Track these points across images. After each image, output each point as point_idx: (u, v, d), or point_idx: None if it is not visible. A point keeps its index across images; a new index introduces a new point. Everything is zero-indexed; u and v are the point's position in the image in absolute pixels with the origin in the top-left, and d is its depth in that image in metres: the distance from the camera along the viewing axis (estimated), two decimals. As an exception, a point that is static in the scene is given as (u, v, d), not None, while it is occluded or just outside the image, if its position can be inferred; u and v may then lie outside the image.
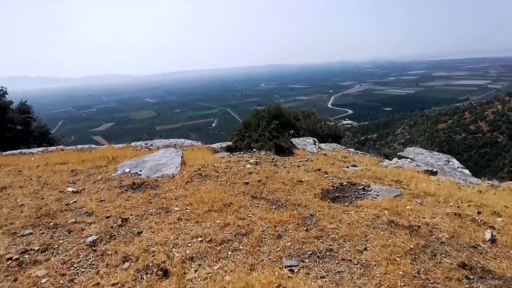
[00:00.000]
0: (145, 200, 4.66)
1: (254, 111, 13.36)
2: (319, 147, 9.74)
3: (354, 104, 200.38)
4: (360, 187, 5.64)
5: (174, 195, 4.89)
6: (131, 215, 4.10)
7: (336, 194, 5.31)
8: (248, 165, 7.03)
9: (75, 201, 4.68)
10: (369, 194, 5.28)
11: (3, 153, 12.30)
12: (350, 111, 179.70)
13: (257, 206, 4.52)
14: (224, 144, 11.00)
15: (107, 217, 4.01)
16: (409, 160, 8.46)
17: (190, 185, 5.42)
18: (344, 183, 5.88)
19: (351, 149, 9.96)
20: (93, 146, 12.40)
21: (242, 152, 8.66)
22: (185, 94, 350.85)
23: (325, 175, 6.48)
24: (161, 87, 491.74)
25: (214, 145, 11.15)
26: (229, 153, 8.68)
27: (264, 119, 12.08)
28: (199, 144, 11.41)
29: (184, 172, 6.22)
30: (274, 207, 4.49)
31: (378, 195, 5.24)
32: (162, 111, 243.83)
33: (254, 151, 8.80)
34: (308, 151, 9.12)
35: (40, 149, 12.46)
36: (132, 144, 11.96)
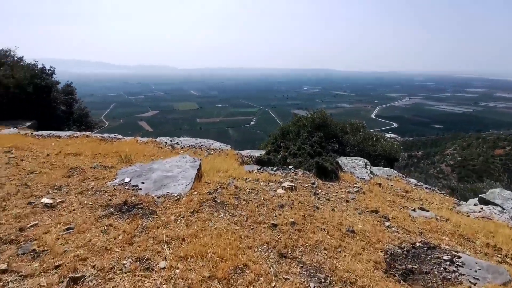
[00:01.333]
0: (125, 237, 3.25)
1: (294, 117, 11.64)
2: (371, 172, 7.77)
3: (400, 117, 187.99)
4: (444, 256, 3.72)
5: (168, 234, 3.41)
6: (93, 267, 2.69)
7: (409, 266, 3.46)
8: (280, 190, 5.39)
9: (34, 225, 3.41)
10: (461, 275, 3.37)
11: (34, 133, 11.99)
12: (395, 124, 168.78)
13: (286, 278, 2.88)
14: (255, 153, 9.46)
15: (56, 267, 2.66)
16: (498, 209, 6.20)
17: (195, 218, 3.92)
18: (417, 244, 4.00)
19: (413, 180, 7.84)
20: (119, 136, 11.59)
21: (275, 169, 7.03)
22: (228, 90, 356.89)
23: (386, 223, 4.62)
24: (205, 81, 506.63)
25: (244, 152, 9.65)
26: (259, 167, 7.10)
27: (305, 128, 10.35)
28: (228, 148, 9.99)
29: (195, 193, 4.74)
30: (313, 285, 2.80)
31: (477, 279, 3.31)
32: (204, 104, 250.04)
33: (290, 169, 7.13)
34: (357, 177, 7.22)
35: (69, 133, 11.96)
36: (157, 139, 10.91)
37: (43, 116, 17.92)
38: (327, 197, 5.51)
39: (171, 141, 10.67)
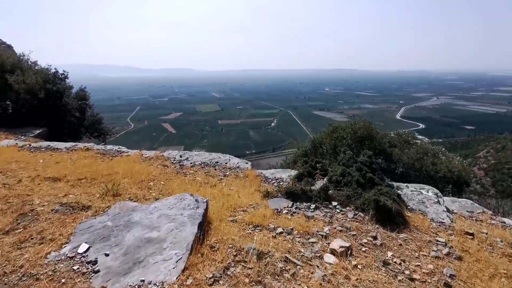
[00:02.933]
0: None
1: (329, 127, 9.48)
2: (446, 208, 5.53)
3: (428, 118, 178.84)
4: None
5: None
6: None
7: None
8: (330, 258, 3.37)
9: None
10: None
11: (33, 145, 10.71)
12: (421, 126, 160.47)
13: None
14: (282, 175, 7.47)
15: None
16: None
17: None
18: None
19: (508, 221, 5.50)
20: (123, 149, 10.03)
21: (313, 206, 5.00)
22: (249, 92, 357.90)
23: None
24: (227, 84, 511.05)
25: (267, 173, 7.67)
26: (290, 202, 5.12)
27: (344, 141, 8.23)
28: (248, 167, 8.06)
29: (189, 282, 2.78)
30: None
31: None
32: (225, 106, 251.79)
33: (335, 207, 5.08)
34: (432, 219, 5.03)
35: (69, 145, 10.56)
36: (165, 154, 9.20)
37: (54, 123, 16.96)
38: (407, 271, 3.40)
39: (181, 156, 8.91)
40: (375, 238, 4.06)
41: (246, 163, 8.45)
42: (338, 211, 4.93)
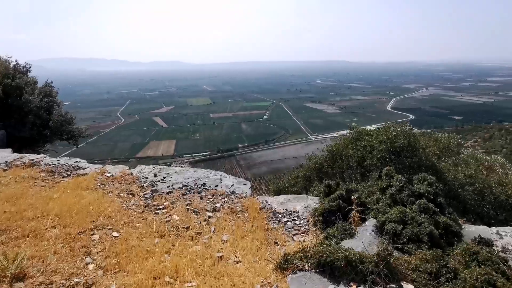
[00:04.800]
0: None
1: (353, 133, 7.23)
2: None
3: (417, 109, 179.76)
4: None
5: None
6: None
7: None
8: None
9: None
10: None
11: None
12: (411, 116, 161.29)
13: None
14: (296, 205, 5.27)
15: None
16: None
17: None
18: None
19: None
20: (81, 164, 7.68)
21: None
22: (240, 85, 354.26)
23: None
24: (218, 77, 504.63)
25: (275, 203, 5.48)
26: (329, 284, 2.91)
27: (375, 153, 6.07)
28: (247, 193, 5.86)
29: None
30: None
31: None
32: (217, 99, 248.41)
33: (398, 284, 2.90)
34: None
35: (11, 157, 8.17)
36: (136, 171, 6.90)
37: (13, 125, 14.37)
38: None
39: (155, 175, 6.62)
40: None
41: (244, 184, 6.23)
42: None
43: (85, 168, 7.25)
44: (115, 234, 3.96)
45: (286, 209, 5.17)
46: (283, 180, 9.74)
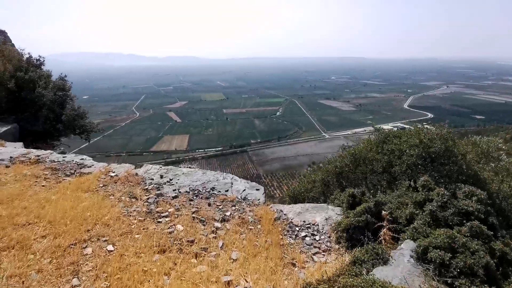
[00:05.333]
0: None
1: (378, 134, 6.49)
2: None
3: (437, 107, 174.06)
4: None
5: None
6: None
7: None
8: None
9: None
10: None
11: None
12: (430, 115, 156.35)
13: None
14: (315, 216, 4.68)
15: None
16: None
17: None
18: None
19: None
20: (87, 162, 7.32)
21: None
22: (254, 81, 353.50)
23: None
24: (232, 72, 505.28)
25: (291, 213, 4.91)
26: None
27: (405, 158, 5.33)
28: (260, 198, 5.31)
29: None
30: None
31: None
32: (231, 95, 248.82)
33: None
34: None
35: (17, 152, 7.92)
36: (141, 171, 6.46)
37: (26, 119, 14.31)
38: None
39: (162, 176, 6.15)
40: None
41: (257, 189, 5.67)
42: None
43: (90, 167, 6.87)
44: (110, 247, 3.49)
45: (304, 221, 4.57)
46: (299, 184, 9.09)
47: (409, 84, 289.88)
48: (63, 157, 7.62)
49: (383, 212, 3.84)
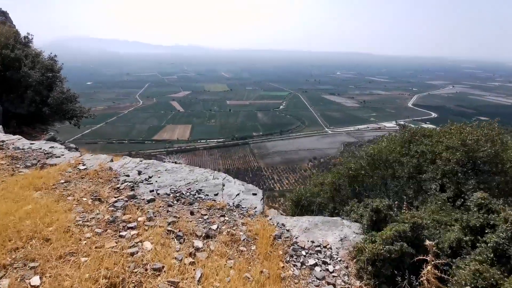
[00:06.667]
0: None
1: (403, 131, 5.34)
2: None
3: (441, 107, 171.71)
4: None
5: None
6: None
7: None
8: None
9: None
10: None
11: None
12: (434, 115, 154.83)
13: None
14: (328, 237, 3.61)
15: None
16: None
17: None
18: None
19: None
20: (56, 150, 6.27)
21: None
22: (259, 73, 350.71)
23: None
24: (236, 63, 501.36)
25: (296, 229, 3.83)
26: None
27: (443, 163, 4.21)
28: (257, 206, 4.24)
29: None
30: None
31: None
32: (234, 86, 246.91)
33: None
34: None
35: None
36: (117, 165, 5.41)
37: (10, 101, 13.27)
38: None
39: (140, 173, 5.08)
40: None
41: (254, 194, 4.58)
42: None
43: (59, 157, 5.82)
44: (35, 280, 2.42)
45: (313, 242, 3.50)
46: (304, 186, 8.00)
47: (415, 83, 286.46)
48: (31, 143, 6.56)
49: (427, 241, 2.77)
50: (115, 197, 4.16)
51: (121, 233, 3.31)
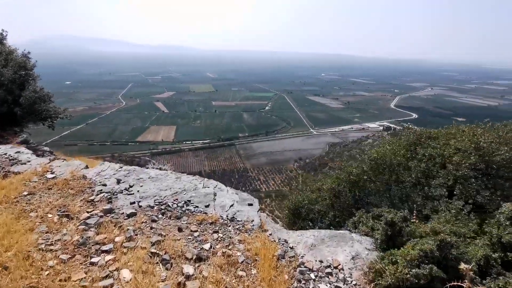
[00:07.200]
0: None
1: (407, 133, 4.89)
2: None
3: (421, 108, 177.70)
4: None
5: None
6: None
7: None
8: None
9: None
10: None
11: None
12: (414, 115, 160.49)
13: None
14: (339, 255, 3.15)
15: None
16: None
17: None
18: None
19: None
20: (23, 156, 5.55)
21: None
22: (244, 74, 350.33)
23: None
24: (222, 64, 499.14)
25: (301, 246, 3.33)
26: None
27: (454, 167, 3.85)
28: (254, 219, 3.71)
29: None
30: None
31: None
32: (220, 87, 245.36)
33: None
34: None
35: None
36: (91, 173, 4.77)
37: (-22, 101, 12.17)
38: None
39: (119, 181, 4.47)
40: None
41: (250, 204, 4.07)
42: None
43: (25, 163, 5.11)
44: None
45: (321, 261, 3.03)
46: (301, 192, 7.50)
47: (397, 84, 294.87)
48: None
49: (462, 264, 2.35)
50: (87, 212, 3.55)
51: (92, 259, 2.73)
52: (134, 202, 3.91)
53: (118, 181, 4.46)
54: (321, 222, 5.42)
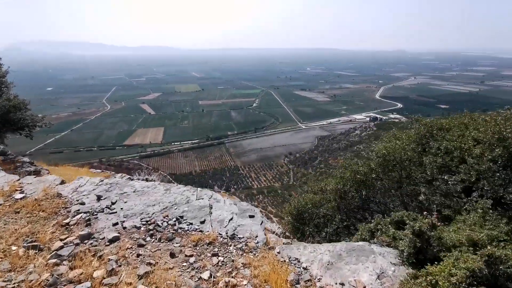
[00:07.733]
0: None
1: (418, 124, 4.44)
2: None
3: (405, 97, 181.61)
4: None
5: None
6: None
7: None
8: None
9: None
10: None
11: None
12: (399, 105, 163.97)
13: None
14: (362, 274, 2.68)
15: None
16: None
17: None
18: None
19: None
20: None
21: None
22: (230, 72, 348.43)
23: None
24: (207, 63, 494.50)
25: (310, 263, 2.84)
26: None
27: (475, 161, 3.45)
28: (259, 235, 3.18)
29: None
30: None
31: None
32: (206, 86, 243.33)
33: None
34: None
35: None
36: (69, 188, 4.15)
37: None
38: None
39: (99, 198, 3.89)
40: None
41: (251, 216, 3.57)
42: None
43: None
44: None
45: (342, 284, 2.56)
46: (303, 194, 6.97)
47: (380, 75, 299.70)
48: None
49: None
50: (61, 240, 2.98)
51: None
52: (117, 223, 3.35)
53: (99, 198, 3.88)
54: (327, 227, 4.97)
